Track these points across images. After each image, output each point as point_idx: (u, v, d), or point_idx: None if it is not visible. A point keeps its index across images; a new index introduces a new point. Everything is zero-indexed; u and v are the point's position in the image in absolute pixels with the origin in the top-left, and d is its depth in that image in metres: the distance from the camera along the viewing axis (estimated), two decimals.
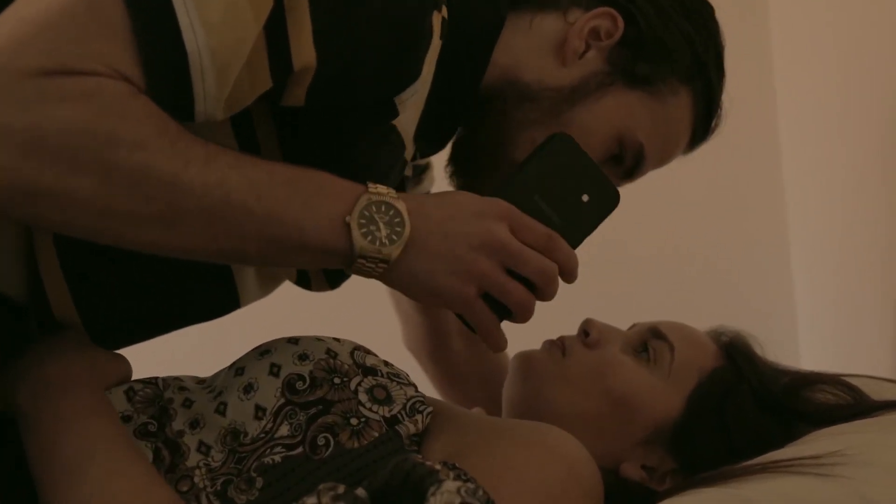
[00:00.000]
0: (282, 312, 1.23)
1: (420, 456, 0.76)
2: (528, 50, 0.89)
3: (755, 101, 1.85)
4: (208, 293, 0.88)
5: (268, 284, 0.94)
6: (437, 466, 0.69)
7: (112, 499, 0.70)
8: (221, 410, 0.81)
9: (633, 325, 0.98)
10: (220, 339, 1.09)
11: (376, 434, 0.78)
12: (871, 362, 1.44)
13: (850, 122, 1.55)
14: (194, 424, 0.81)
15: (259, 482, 0.76)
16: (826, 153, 1.71)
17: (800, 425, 0.88)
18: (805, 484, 0.72)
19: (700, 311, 1.03)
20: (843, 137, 1.59)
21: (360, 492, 0.67)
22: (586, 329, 0.94)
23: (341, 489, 0.66)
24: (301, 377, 0.81)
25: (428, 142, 0.93)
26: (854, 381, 0.94)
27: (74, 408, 0.76)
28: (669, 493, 0.78)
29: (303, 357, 0.83)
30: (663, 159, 0.96)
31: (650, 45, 0.89)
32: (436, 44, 0.80)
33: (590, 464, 0.77)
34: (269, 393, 0.81)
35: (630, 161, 0.93)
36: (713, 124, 0.97)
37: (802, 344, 1.88)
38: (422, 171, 1.10)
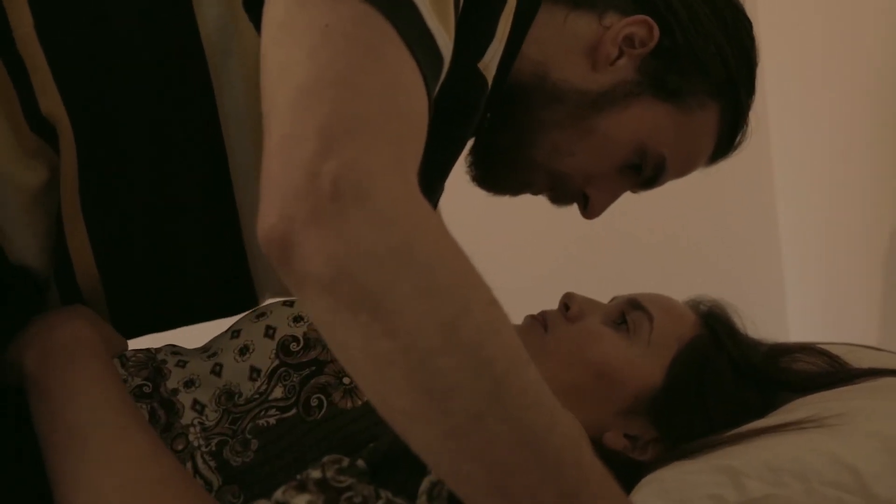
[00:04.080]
0: None
1: None
2: (559, 48, 0.87)
3: None
4: (226, 291, 0.86)
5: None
6: None
7: (117, 465, 0.70)
8: (217, 371, 0.82)
9: (613, 298, 0.98)
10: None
11: None
12: (858, 334, 1.45)
13: (840, 103, 1.55)
14: (189, 384, 0.82)
15: (254, 444, 0.77)
16: (814, 126, 1.71)
17: (779, 393, 0.89)
18: (787, 451, 0.74)
19: (687, 286, 1.03)
20: (832, 112, 1.60)
21: (361, 463, 0.68)
22: (566, 302, 0.94)
23: (345, 462, 0.67)
24: (295, 338, 0.82)
25: None
26: (837, 350, 0.96)
27: (82, 374, 0.76)
28: (654, 465, 0.79)
29: (297, 319, 0.84)
30: (684, 171, 0.96)
31: (683, 58, 0.88)
32: (511, 4, 0.78)
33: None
34: (264, 355, 0.82)
35: (650, 171, 0.93)
36: (737, 141, 0.96)
37: (790, 315, 1.90)
38: None
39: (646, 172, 0.93)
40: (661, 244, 1.93)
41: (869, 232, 1.45)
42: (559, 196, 0.96)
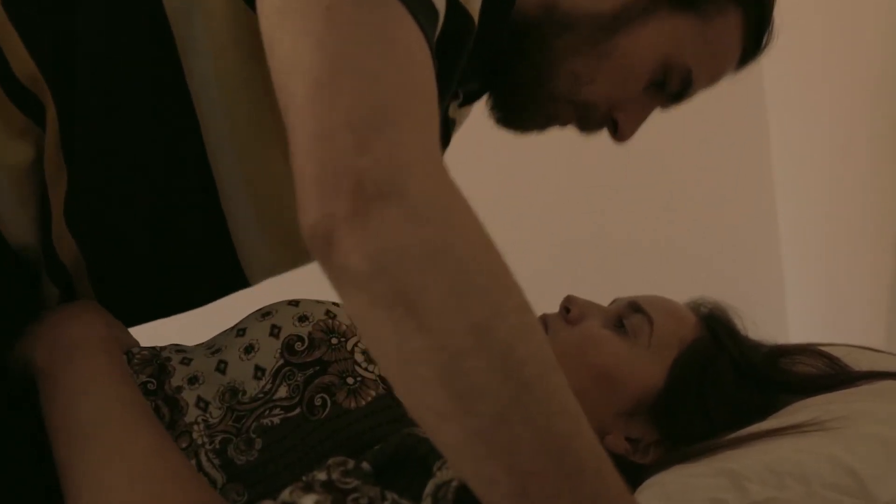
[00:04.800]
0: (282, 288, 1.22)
1: (422, 430, 0.77)
2: None
3: (742, 76, 1.84)
4: (211, 267, 0.85)
5: (282, 260, 0.86)
6: None
7: (124, 460, 0.71)
8: (222, 369, 0.82)
9: (614, 301, 0.98)
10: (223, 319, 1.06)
11: (373, 393, 0.79)
12: (858, 334, 1.45)
13: (841, 102, 1.55)
14: (193, 381, 0.82)
15: (258, 443, 0.77)
16: (814, 125, 1.71)
17: (779, 395, 0.89)
18: (788, 455, 0.74)
19: (686, 287, 1.03)
20: (832, 111, 1.60)
21: (365, 465, 0.68)
22: (567, 306, 0.94)
23: (350, 464, 0.67)
24: (300, 338, 0.83)
25: (469, 82, 0.89)
26: (838, 351, 0.96)
27: (92, 370, 0.76)
28: (655, 468, 0.80)
29: (302, 318, 0.84)
30: (712, 80, 0.93)
31: None
32: None
33: None
34: (269, 354, 0.82)
35: (676, 86, 0.90)
36: (764, 42, 0.93)
37: (790, 316, 1.90)
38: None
39: (672, 87, 0.90)
40: (660, 245, 1.93)
41: (869, 231, 1.45)
42: (586, 124, 0.93)
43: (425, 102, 0.59)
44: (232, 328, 0.88)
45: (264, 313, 0.87)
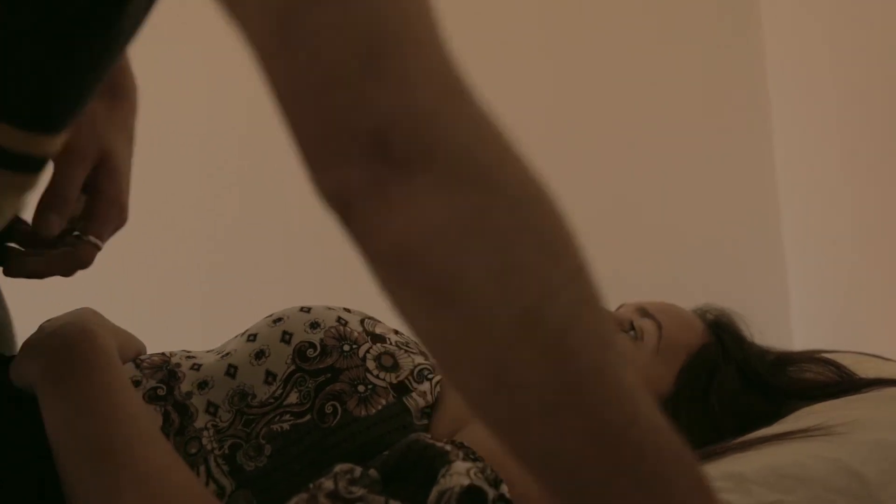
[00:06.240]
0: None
1: (430, 436, 0.77)
2: None
3: (746, 82, 1.86)
4: None
5: None
6: (448, 447, 0.71)
7: (134, 480, 0.70)
8: (231, 373, 0.83)
9: (621, 306, 0.99)
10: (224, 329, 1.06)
11: (383, 401, 0.80)
12: (860, 338, 1.45)
13: (844, 108, 1.55)
14: (203, 385, 0.82)
15: (268, 449, 0.77)
16: (817, 132, 1.72)
17: (786, 402, 0.90)
18: (794, 458, 0.74)
19: (692, 290, 1.04)
20: (836, 118, 1.60)
21: (373, 472, 0.68)
22: None
23: (357, 472, 0.67)
24: (312, 345, 0.83)
25: None
26: (845, 359, 0.96)
27: (96, 383, 0.75)
28: None
29: (314, 325, 0.85)
30: None
31: None
32: None
33: None
34: (281, 359, 0.82)
35: None
36: None
37: (794, 320, 1.90)
38: None
39: None
40: (663, 250, 1.94)
41: (873, 237, 1.45)
42: None
43: (421, 3, 0.46)
44: (243, 333, 0.88)
45: (275, 319, 0.87)
